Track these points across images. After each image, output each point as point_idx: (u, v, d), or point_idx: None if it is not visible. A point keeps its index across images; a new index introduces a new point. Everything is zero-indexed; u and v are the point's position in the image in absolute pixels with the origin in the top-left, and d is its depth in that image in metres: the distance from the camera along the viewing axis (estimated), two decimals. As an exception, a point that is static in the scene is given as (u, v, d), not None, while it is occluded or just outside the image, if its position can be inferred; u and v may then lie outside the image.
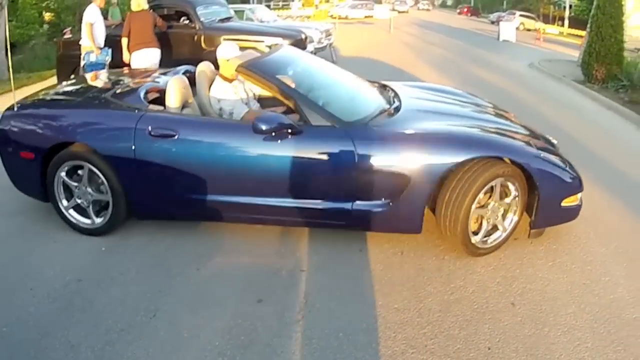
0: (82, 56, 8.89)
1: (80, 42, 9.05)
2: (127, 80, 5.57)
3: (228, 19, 10.49)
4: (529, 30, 40.70)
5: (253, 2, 41.15)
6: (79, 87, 5.70)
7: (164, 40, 9.04)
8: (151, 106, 4.61)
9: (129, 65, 8.67)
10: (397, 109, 4.71)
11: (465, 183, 3.98)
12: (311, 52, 10.63)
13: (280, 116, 4.20)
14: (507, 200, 4.28)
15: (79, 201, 4.59)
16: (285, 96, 4.34)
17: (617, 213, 5.46)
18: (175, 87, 4.67)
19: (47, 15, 20.28)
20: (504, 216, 4.33)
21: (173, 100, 4.64)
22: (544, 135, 5.09)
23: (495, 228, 4.36)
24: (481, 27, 41.61)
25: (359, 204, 4.17)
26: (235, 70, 4.52)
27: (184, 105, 4.81)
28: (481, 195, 4.07)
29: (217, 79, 5.00)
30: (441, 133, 4.33)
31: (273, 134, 4.04)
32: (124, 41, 8.66)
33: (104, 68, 8.68)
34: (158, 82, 5.22)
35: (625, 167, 6.61)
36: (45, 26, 20.16)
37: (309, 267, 4.17)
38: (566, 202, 4.46)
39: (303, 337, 3.38)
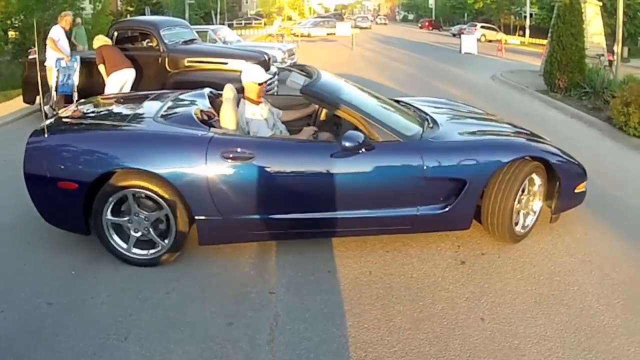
0: (50, 78, 9.17)
1: (45, 63, 9.20)
2: (153, 102, 5.50)
3: (192, 40, 10.61)
4: (490, 41, 41.59)
5: (215, 23, 41.19)
6: (111, 110, 5.62)
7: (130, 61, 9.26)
8: (212, 129, 4.60)
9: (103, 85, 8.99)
10: (435, 122, 5.28)
11: (508, 182, 4.66)
12: (275, 73, 10.84)
13: (359, 134, 4.40)
14: (534, 189, 5.01)
15: (135, 234, 4.44)
16: (353, 115, 4.63)
17: (583, 223, 5.63)
18: (230, 109, 4.75)
19: (12, 34, 20.04)
20: (533, 203, 5.08)
21: (230, 122, 4.71)
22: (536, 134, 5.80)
23: (527, 214, 5.07)
24: (443, 41, 42.45)
25: (423, 209, 4.65)
26: (301, 93, 4.77)
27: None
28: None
29: (243, 101, 5.16)
30: (484, 140, 5.19)
31: (360, 150, 4.38)
32: (101, 67, 9.01)
33: (71, 78, 9.09)
34: (196, 104, 5.28)
35: (591, 175, 6.76)
36: (10, 45, 19.93)
37: (278, 289, 4.21)
38: (578, 189, 5.35)
39: (274, 359, 3.43)
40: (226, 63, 9.52)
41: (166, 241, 4.43)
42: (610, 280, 4.44)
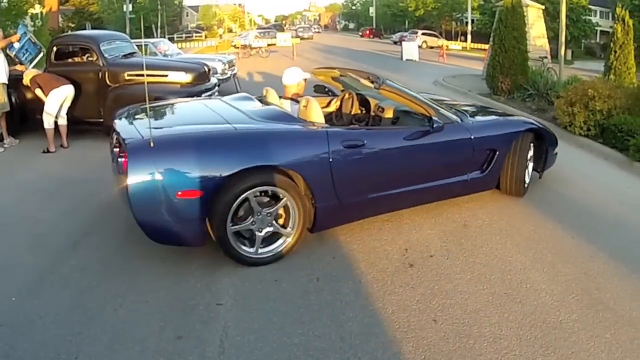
0: None
1: None
2: (218, 105, 5.72)
3: (132, 54, 10.54)
4: (432, 48, 42.50)
5: (156, 37, 41.27)
6: (188, 116, 5.75)
7: (69, 79, 9.11)
8: (316, 123, 5.11)
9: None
10: (461, 111, 6.34)
11: (522, 149, 6.18)
12: (215, 84, 10.86)
13: (439, 120, 5.51)
14: (530, 153, 6.49)
15: (260, 234, 4.64)
16: (422, 104, 5.61)
17: (533, 222, 5.75)
18: (317, 105, 5.23)
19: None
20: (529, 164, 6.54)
21: (319, 117, 5.18)
22: None
23: (528, 173, 6.48)
24: (384, 48, 43.06)
25: (471, 175, 5.93)
26: (381, 90, 5.59)
27: None
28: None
29: (285, 101, 5.98)
30: (502, 120, 6.71)
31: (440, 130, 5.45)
32: (38, 92, 8.81)
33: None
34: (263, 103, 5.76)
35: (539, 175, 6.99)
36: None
37: (225, 300, 4.15)
38: (555, 151, 7.04)
39: (224, 372, 3.36)
40: (166, 75, 9.53)
41: (289, 229, 4.75)
42: (563, 276, 4.53)
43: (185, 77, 9.55)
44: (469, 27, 50.30)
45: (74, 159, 8.38)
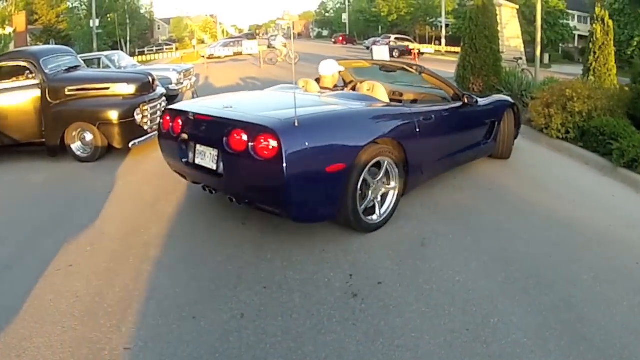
0: None
1: None
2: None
3: (76, 67, 10.03)
4: (403, 52, 42.07)
5: (125, 51, 41.28)
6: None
7: (6, 99, 8.88)
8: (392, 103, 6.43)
9: None
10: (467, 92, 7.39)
11: (509, 118, 7.82)
12: (162, 94, 10.33)
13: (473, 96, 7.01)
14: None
15: (378, 199, 5.32)
16: (455, 89, 6.89)
17: (503, 238, 5.13)
18: (383, 88, 6.23)
19: None
20: None
21: (385, 98, 6.16)
22: None
23: None
24: (356, 54, 42.57)
25: (483, 142, 7.39)
26: (421, 73, 6.68)
27: None
28: None
29: (324, 90, 6.70)
30: (494, 97, 8.16)
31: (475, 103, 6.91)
32: None
33: None
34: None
35: (525, 184, 6.38)
36: None
37: (135, 343, 3.56)
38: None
39: None
40: (108, 88, 9.11)
41: (393, 183, 5.44)
42: (538, 306, 3.84)
43: (128, 89, 9.10)
44: (443, 32, 50.14)
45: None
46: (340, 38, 72.78)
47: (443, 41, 48.48)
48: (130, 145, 8.49)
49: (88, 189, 7.04)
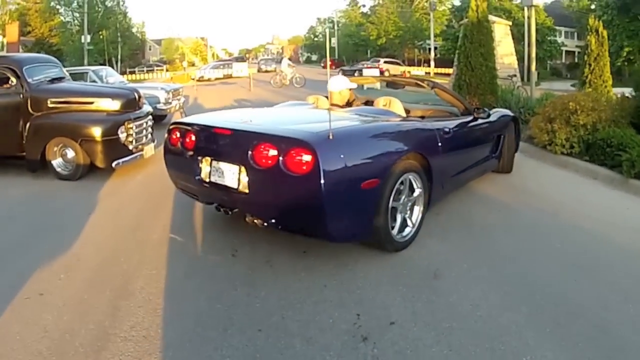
0: None
1: None
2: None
3: (60, 79, 9.59)
4: (395, 75, 42.13)
5: (116, 70, 41.36)
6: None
7: None
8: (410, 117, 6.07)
9: None
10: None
11: (511, 131, 7.90)
12: (148, 112, 9.84)
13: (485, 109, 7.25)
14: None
15: (399, 218, 4.99)
16: (465, 104, 6.89)
17: (521, 264, 4.70)
18: (400, 103, 6.06)
19: None
20: None
21: (403, 112, 5.99)
22: None
23: None
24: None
25: (491, 156, 7.40)
26: (433, 88, 6.72)
27: None
28: None
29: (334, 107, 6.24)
30: (498, 112, 7.94)
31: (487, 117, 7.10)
32: None
33: None
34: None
35: (519, 198, 5.99)
36: None
37: None
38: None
39: None
40: (92, 103, 8.64)
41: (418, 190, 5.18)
42: (573, 337, 3.39)
43: (113, 104, 8.61)
44: (432, 54, 50.13)
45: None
46: (329, 62, 72.89)
47: (432, 63, 48.48)
48: (113, 165, 8.04)
49: (67, 209, 6.60)
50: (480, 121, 6.82)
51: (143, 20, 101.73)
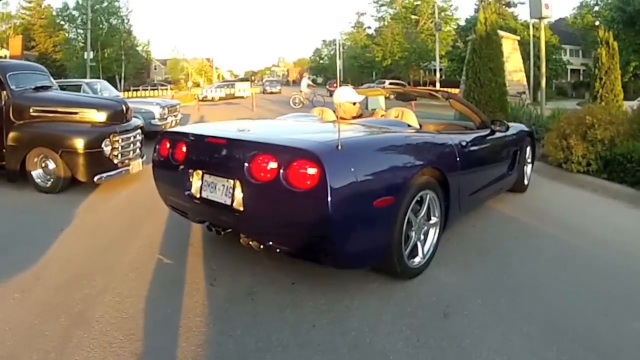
0: None
1: None
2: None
3: (46, 87, 9.19)
4: (397, 99, 41.87)
5: (119, 89, 41.66)
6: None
7: None
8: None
9: None
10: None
11: (525, 146, 7.48)
12: (138, 126, 9.36)
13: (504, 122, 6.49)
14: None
15: (422, 237, 4.54)
16: (481, 117, 6.44)
17: (542, 297, 4.13)
18: (413, 114, 5.58)
19: None
20: None
21: (417, 123, 5.44)
22: None
23: None
24: (352, 99, 42.25)
25: (510, 172, 6.84)
26: (448, 99, 6.20)
27: None
28: None
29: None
30: (516, 127, 7.46)
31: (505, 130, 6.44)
32: None
33: None
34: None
35: (535, 221, 5.40)
36: None
37: None
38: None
39: None
40: (76, 113, 8.20)
41: (434, 218, 4.65)
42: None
43: (98, 115, 8.15)
44: (437, 75, 49.81)
45: None
46: (334, 84, 72.81)
47: (438, 85, 48.22)
48: (95, 179, 7.50)
49: (40, 223, 6.06)
50: (498, 135, 6.32)
51: (149, 39, 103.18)
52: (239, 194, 3.99)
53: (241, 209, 3.98)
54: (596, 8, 53.88)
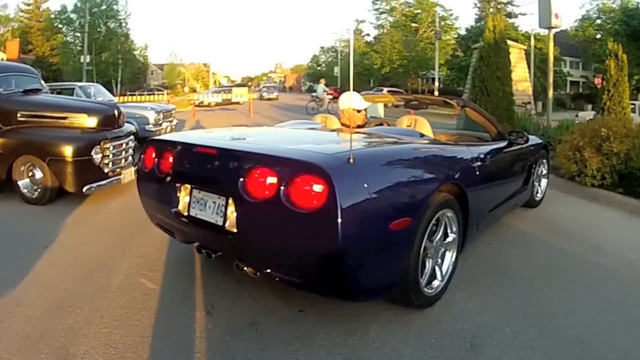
0: None
1: None
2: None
3: (36, 90, 8.76)
4: (397, 106, 41.76)
5: (116, 93, 41.70)
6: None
7: None
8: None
9: None
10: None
11: (540, 159, 7.24)
12: (131, 132, 8.92)
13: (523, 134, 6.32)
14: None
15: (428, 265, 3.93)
16: (498, 128, 6.03)
17: (576, 321, 3.74)
18: (427, 122, 5.23)
19: None
20: None
21: (431, 133, 5.08)
22: None
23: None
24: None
25: (524, 187, 6.50)
26: (463, 107, 5.91)
27: None
28: None
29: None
30: (532, 139, 6.95)
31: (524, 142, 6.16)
32: None
33: None
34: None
35: (555, 239, 5.02)
36: None
37: None
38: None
39: None
40: (65, 118, 7.72)
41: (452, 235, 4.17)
42: None
43: (88, 121, 7.66)
44: (436, 84, 49.60)
45: None
46: (332, 91, 72.81)
47: (436, 93, 48.12)
48: (84, 190, 7.00)
49: (24, 240, 5.58)
50: (515, 147, 5.98)
51: (146, 43, 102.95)
52: (232, 213, 3.54)
53: (234, 230, 3.50)
54: (598, 21, 53.88)
